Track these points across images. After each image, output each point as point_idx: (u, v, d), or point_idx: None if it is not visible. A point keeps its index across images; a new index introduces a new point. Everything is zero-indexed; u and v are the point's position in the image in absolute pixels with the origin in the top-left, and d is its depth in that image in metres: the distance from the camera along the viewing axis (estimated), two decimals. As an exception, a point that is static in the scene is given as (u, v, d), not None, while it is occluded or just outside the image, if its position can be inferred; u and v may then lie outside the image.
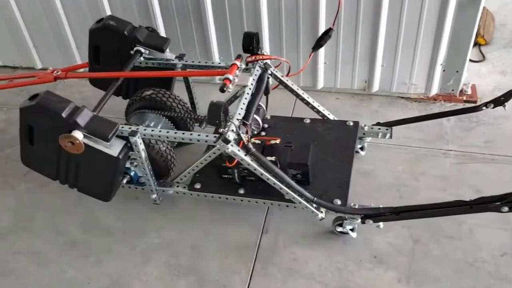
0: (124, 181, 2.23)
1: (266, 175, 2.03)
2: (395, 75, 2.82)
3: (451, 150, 2.56)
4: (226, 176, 2.25)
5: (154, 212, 2.38)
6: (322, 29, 2.69)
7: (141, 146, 2.11)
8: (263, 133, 2.41)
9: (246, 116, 2.06)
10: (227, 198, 2.23)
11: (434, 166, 2.48)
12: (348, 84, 2.94)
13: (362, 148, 2.54)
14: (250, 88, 2.17)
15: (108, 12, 2.95)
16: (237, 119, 2.00)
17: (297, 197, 2.06)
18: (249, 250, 2.17)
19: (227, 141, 1.94)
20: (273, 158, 2.09)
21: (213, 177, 2.27)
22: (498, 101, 2.22)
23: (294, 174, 2.13)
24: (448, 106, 2.84)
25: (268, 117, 2.51)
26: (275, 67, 2.36)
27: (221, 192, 2.22)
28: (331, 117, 2.49)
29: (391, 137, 2.41)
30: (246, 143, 1.96)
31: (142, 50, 2.44)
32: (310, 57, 2.43)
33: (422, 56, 2.70)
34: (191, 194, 2.27)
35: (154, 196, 2.30)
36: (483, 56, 3.18)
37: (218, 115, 1.91)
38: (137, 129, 2.09)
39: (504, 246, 2.08)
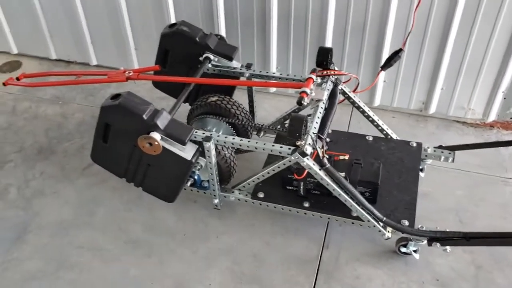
0: (188, 183, 2.26)
1: (338, 191, 2.05)
2: (454, 99, 2.83)
3: (510, 178, 2.56)
4: (290, 187, 2.27)
5: (213, 217, 2.40)
6: (387, 47, 2.71)
7: (213, 152, 2.13)
8: (325, 147, 2.42)
9: (321, 130, 2.08)
10: (290, 210, 2.24)
11: (493, 193, 2.48)
12: (405, 104, 2.95)
13: (421, 170, 2.54)
14: (323, 103, 2.19)
15: (173, 17, 2.99)
16: (313, 133, 2.02)
17: (366, 215, 2.08)
18: (311, 264, 2.18)
19: (304, 154, 1.96)
20: (343, 174, 2.11)
21: (277, 188, 2.29)
22: None
23: (362, 191, 2.14)
24: (505, 134, 2.84)
25: (329, 131, 2.53)
26: (344, 82, 2.39)
27: (285, 203, 2.24)
28: (394, 136, 2.50)
29: (453, 161, 2.40)
30: (321, 158, 1.98)
31: (211, 57, 2.47)
32: (378, 75, 2.46)
33: (485, 82, 2.71)
34: (253, 203, 2.29)
35: (216, 201, 2.32)
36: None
37: (300, 128, 1.93)
38: (211, 134, 2.12)
39: None
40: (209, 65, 2.48)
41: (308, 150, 1.95)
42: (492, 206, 2.42)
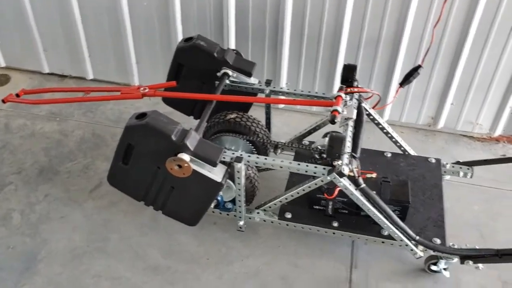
0: (212, 205, 2.17)
1: (373, 211, 2.01)
2: (463, 114, 2.86)
3: (522, 192, 2.61)
4: (317, 207, 2.22)
5: (236, 239, 2.32)
6: (400, 63, 2.72)
7: (243, 173, 2.06)
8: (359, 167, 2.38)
9: (354, 149, 2.04)
10: (318, 230, 2.19)
11: (509, 207, 2.52)
12: (414, 119, 2.97)
13: (439, 185, 2.55)
14: (353, 120, 2.15)
15: (179, 29, 2.89)
16: (348, 153, 1.98)
17: (399, 234, 2.05)
18: (341, 286, 2.14)
19: (341, 175, 1.91)
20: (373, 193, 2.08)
21: (303, 207, 2.24)
22: None
23: (392, 210, 2.11)
24: (511, 148, 2.90)
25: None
26: (365, 99, 2.36)
27: (314, 223, 2.19)
28: (412, 152, 2.50)
29: (471, 176, 2.43)
30: (357, 177, 1.95)
31: (230, 72, 2.40)
32: (397, 92, 2.45)
33: (493, 97, 2.76)
34: (279, 223, 2.22)
35: (241, 223, 2.24)
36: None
37: (339, 148, 1.89)
38: (241, 155, 2.04)
39: None
40: (227, 81, 2.41)
41: (346, 170, 1.91)
42: (510, 220, 2.45)
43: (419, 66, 2.36)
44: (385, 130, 2.45)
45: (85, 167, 2.68)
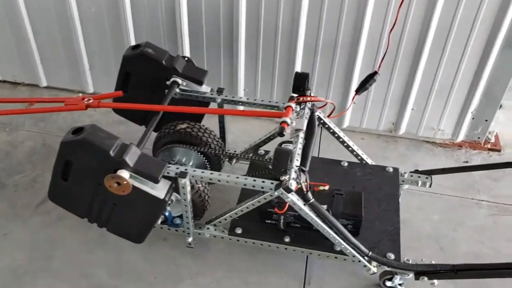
0: (159, 222, 2.08)
1: (323, 226, 1.94)
2: (424, 120, 2.81)
3: (483, 201, 2.56)
4: (269, 221, 2.14)
5: (185, 256, 2.23)
6: (357, 69, 2.65)
7: (188, 189, 1.97)
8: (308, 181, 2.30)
9: (303, 163, 1.96)
10: (270, 246, 2.11)
11: (469, 217, 2.47)
12: (374, 125, 2.90)
13: (398, 195, 2.49)
14: (303, 132, 2.07)
15: (132, 34, 2.79)
16: (296, 166, 1.91)
17: (351, 250, 1.98)
18: (294, 303, 2.07)
19: (288, 190, 1.83)
20: (325, 207, 2.00)
21: (255, 222, 2.16)
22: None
23: (344, 224, 2.04)
24: (474, 153, 2.85)
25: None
26: (319, 108, 2.29)
27: (265, 239, 2.11)
28: (369, 161, 2.43)
29: (430, 186, 2.37)
30: (305, 192, 1.87)
31: (179, 81, 2.31)
32: (353, 100, 2.38)
33: (454, 103, 2.71)
34: (230, 239, 2.14)
35: (190, 239, 2.15)
36: (500, 104, 3.23)
37: (285, 162, 1.81)
38: (186, 170, 1.95)
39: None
40: (177, 90, 2.31)
41: (293, 185, 1.83)
42: (470, 231, 2.40)
43: (375, 73, 2.29)
44: (341, 139, 2.38)
45: (32, 180, 2.56)
